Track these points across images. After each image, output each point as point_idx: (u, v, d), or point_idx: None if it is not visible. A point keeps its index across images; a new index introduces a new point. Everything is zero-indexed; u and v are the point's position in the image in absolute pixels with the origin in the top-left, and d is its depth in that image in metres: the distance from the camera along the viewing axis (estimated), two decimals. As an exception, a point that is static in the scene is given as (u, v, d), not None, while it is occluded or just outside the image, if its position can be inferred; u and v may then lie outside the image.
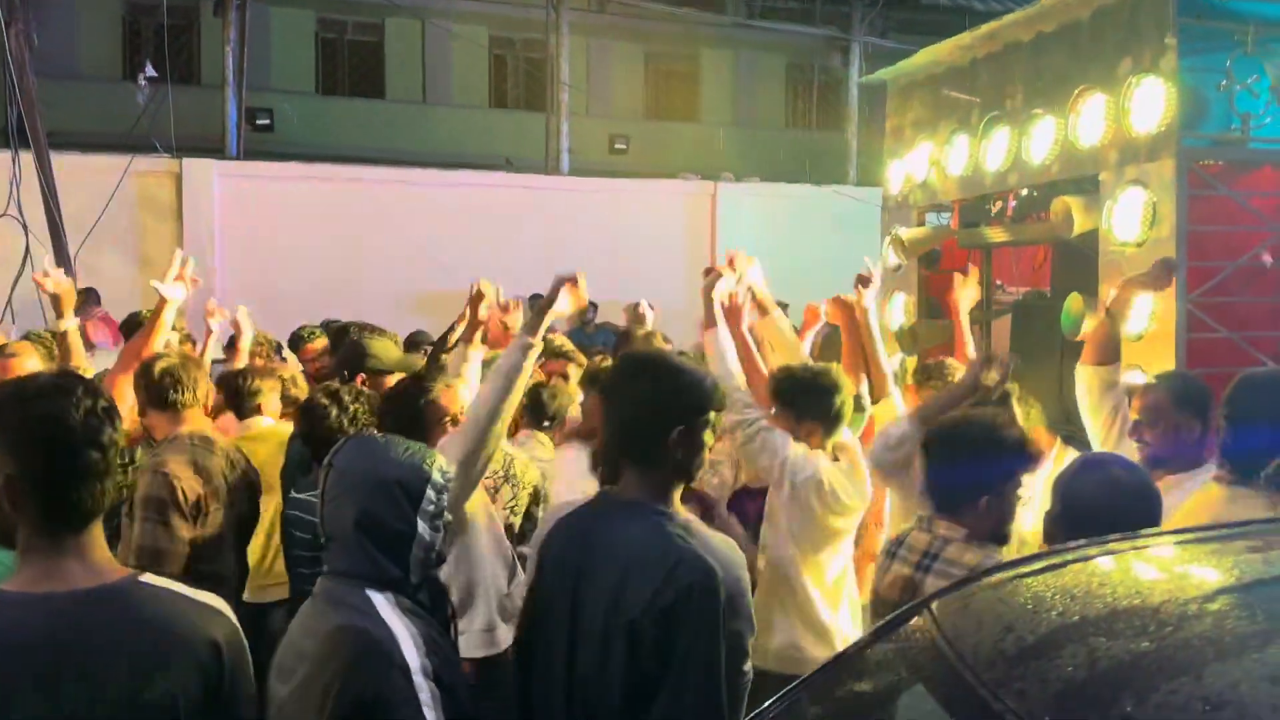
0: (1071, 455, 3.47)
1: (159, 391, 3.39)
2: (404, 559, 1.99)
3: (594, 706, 2.13)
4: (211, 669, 1.75)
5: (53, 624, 1.67)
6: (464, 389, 3.47)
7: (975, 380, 3.40)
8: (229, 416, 4.22)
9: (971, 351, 4.57)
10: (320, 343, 5.80)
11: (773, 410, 3.49)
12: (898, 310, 6.11)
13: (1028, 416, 3.64)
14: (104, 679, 1.67)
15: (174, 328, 4.97)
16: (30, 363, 3.98)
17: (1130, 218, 4.34)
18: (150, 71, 9.88)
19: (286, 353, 5.60)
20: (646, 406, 2.25)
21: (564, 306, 3.13)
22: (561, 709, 2.17)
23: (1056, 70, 4.91)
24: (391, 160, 14.04)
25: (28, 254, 7.43)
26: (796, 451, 3.40)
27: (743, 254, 3.61)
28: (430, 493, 2.01)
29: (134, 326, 5.24)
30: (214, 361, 5.21)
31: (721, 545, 2.22)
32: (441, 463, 2.12)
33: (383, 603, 1.95)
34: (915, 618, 1.69)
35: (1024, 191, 5.27)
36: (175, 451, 3.31)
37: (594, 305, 11.91)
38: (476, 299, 3.86)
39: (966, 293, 4.95)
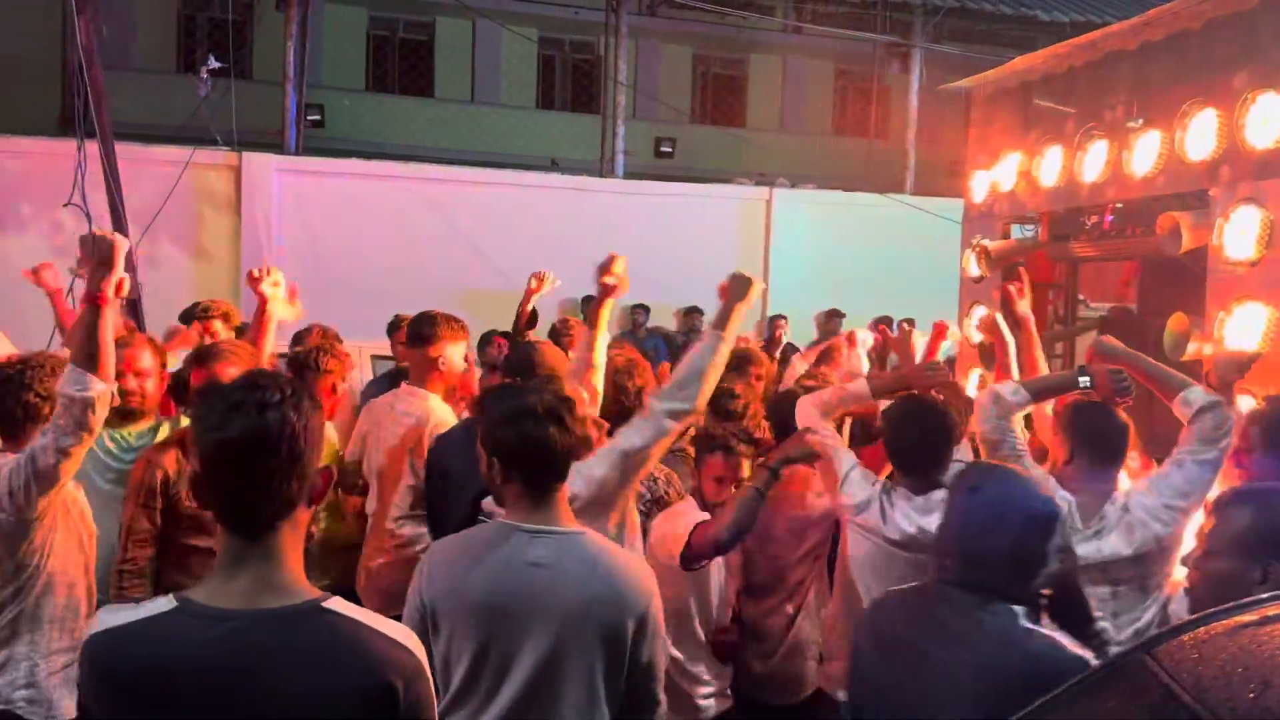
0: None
1: None
2: (1032, 582, 2.18)
3: None
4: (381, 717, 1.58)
5: (220, 645, 1.55)
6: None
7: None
8: None
9: (1043, 365, 4.36)
10: None
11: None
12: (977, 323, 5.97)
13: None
14: (258, 715, 1.54)
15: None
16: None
17: (1244, 235, 4.19)
18: (213, 64, 9.88)
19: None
20: None
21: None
22: None
23: (1162, 81, 4.77)
24: (438, 159, 14.00)
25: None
26: None
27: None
28: (1059, 527, 2.22)
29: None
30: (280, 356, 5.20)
31: None
32: (1061, 504, 2.41)
33: (1026, 615, 2.12)
34: (1135, 665, 1.58)
35: (1117, 205, 5.13)
36: None
37: (645, 309, 11.81)
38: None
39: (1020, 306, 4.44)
